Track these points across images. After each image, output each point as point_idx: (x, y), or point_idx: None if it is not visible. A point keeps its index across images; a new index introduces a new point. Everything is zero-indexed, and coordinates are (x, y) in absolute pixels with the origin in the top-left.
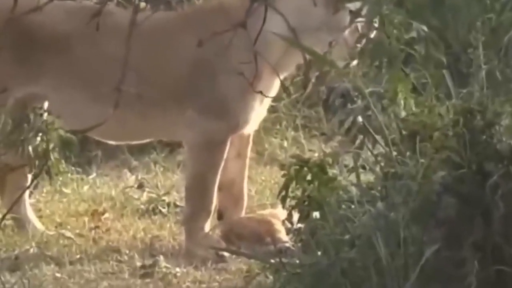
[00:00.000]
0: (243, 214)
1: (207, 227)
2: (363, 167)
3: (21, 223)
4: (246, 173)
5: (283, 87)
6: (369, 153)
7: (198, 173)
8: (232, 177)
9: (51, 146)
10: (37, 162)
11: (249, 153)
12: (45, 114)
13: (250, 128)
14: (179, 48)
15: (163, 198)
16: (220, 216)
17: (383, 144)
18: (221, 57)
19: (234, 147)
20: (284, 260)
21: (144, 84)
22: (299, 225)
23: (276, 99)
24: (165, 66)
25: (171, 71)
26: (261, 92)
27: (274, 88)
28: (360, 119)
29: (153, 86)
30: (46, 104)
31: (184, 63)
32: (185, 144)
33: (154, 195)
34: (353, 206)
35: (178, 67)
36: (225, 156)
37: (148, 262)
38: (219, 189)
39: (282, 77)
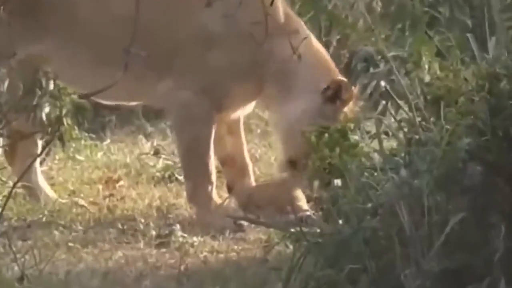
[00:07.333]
0: (252, 180)
1: (215, 196)
2: (386, 133)
3: (33, 192)
4: (245, 147)
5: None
6: (392, 118)
7: (185, 146)
8: (229, 152)
9: (64, 111)
10: (49, 129)
11: (242, 129)
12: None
13: (240, 113)
14: (182, 15)
15: (179, 165)
16: (229, 190)
17: (406, 109)
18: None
19: (224, 124)
20: (304, 229)
21: (143, 46)
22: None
23: None
24: (167, 31)
25: (171, 36)
26: None
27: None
28: (383, 83)
29: (151, 48)
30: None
31: (185, 30)
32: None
33: (170, 162)
34: (375, 174)
35: (178, 34)
36: (212, 130)
37: (164, 231)
38: (222, 164)
39: None
